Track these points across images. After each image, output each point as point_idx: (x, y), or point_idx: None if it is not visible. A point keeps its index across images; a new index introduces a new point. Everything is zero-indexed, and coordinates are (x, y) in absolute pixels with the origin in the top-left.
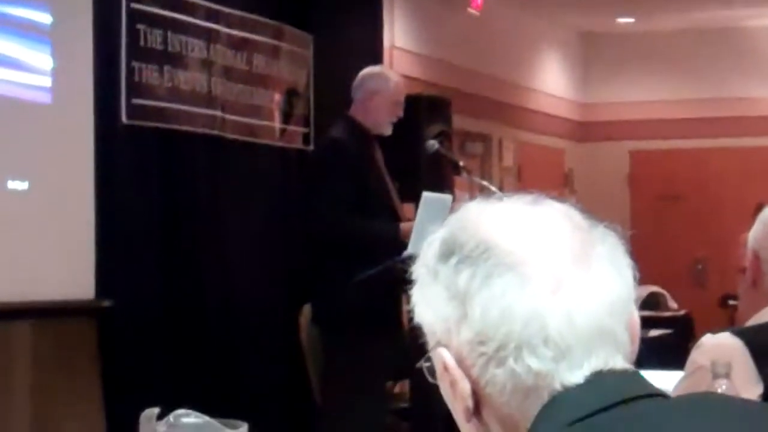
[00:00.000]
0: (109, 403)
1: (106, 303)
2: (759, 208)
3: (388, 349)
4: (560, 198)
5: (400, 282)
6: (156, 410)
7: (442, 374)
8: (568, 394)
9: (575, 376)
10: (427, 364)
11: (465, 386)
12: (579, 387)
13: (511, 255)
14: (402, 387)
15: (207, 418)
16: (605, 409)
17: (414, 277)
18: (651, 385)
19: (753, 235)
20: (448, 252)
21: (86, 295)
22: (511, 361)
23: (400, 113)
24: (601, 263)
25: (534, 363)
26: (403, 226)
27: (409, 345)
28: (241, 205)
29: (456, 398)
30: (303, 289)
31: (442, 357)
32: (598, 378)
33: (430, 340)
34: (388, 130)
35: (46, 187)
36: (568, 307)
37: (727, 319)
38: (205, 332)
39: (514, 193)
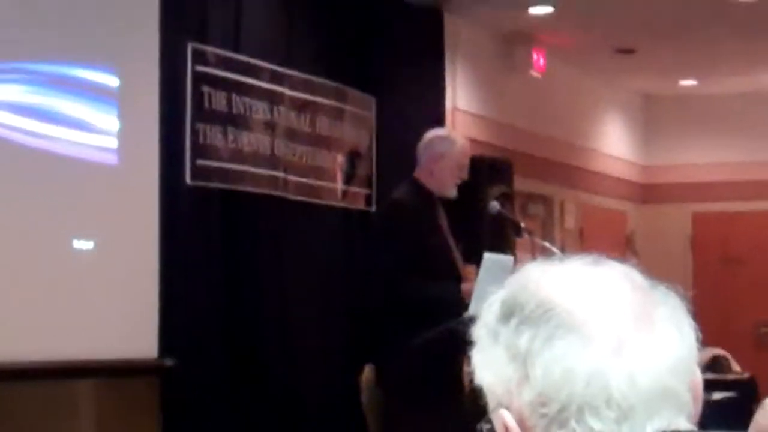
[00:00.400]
0: None
1: (169, 362)
2: None
3: (450, 411)
4: (621, 259)
5: (460, 344)
6: None
7: None
8: None
9: None
10: (488, 426)
11: None
12: None
13: (572, 315)
14: None
15: None
16: None
17: (474, 338)
18: None
19: None
20: (508, 313)
21: (149, 354)
22: (573, 423)
23: (465, 176)
24: (662, 324)
25: (596, 425)
26: (464, 287)
27: (469, 408)
28: (302, 265)
29: None
30: (364, 350)
31: (504, 419)
32: None
33: (491, 402)
34: (453, 193)
35: (111, 247)
36: (631, 367)
37: None
38: (266, 393)
39: (574, 254)
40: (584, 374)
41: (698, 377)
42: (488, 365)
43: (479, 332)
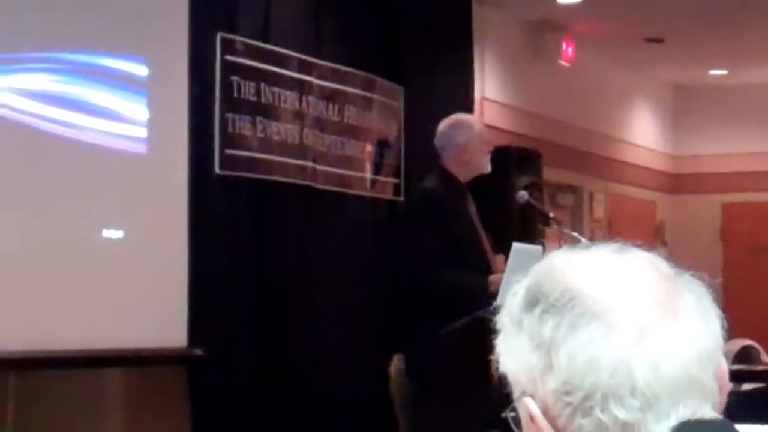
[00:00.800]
0: None
1: (198, 351)
2: None
3: (478, 400)
4: (646, 247)
5: (488, 333)
6: None
7: (528, 425)
8: None
9: (662, 426)
10: (512, 414)
11: None
12: None
13: (596, 304)
14: None
15: None
16: None
17: (498, 326)
18: None
19: None
20: (533, 301)
21: (178, 343)
22: (597, 411)
23: (491, 149)
24: (687, 312)
25: (621, 413)
26: (492, 277)
27: (498, 396)
28: (331, 255)
29: None
30: (392, 339)
31: (528, 407)
32: (685, 427)
33: (515, 390)
34: (487, 167)
35: (140, 236)
36: (655, 356)
37: None
38: (294, 382)
39: (599, 242)
40: (609, 362)
41: (724, 367)
42: (512, 353)
43: (503, 320)
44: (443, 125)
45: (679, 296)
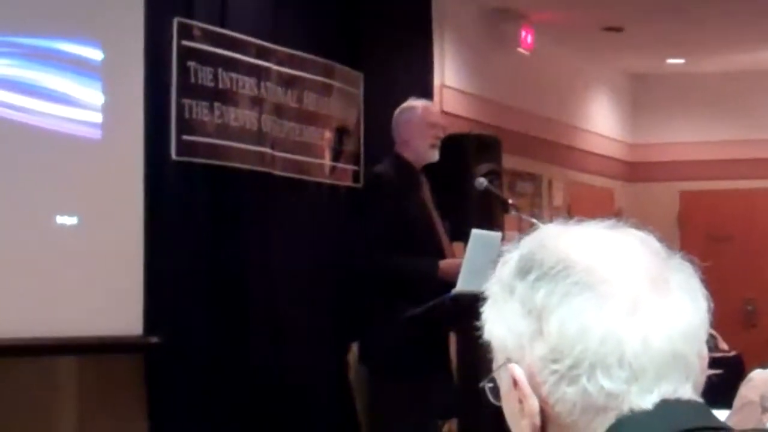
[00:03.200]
0: None
1: (154, 339)
2: None
3: (437, 387)
4: (639, 226)
5: (448, 320)
6: None
7: (509, 391)
8: (634, 417)
9: (645, 401)
10: (490, 384)
11: (534, 404)
12: (647, 413)
13: (590, 274)
14: (450, 426)
15: None
16: None
17: (486, 294)
18: (716, 419)
19: None
20: (526, 268)
21: (134, 331)
22: (583, 380)
23: (440, 134)
24: (677, 290)
25: (607, 383)
26: (443, 263)
27: (457, 383)
28: (289, 242)
29: (523, 416)
30: (352, 326)
31: (513, 372)
32: (666, 405)
33: (499, 358)
34: (434, 156)
35: (95, 223)
36: (645, 329)
37: None
38: (253, 371)
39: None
40: (599, 332)
41: (705, 348)
42: (501, 319)
43: (492, 288)
44: (397, 110)
45: (669, 274)
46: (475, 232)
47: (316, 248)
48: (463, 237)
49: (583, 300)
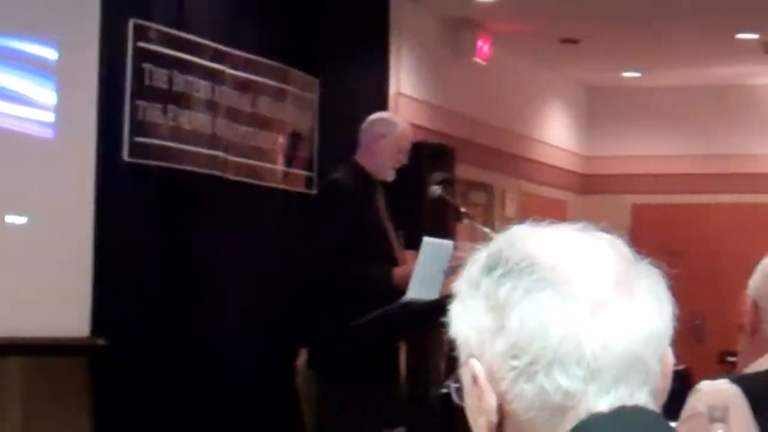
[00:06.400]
0: None
1: (101, 341)
2: None
3: (385, 395)
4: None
5: (398, 327)
6: None
7: (470, 388)
8: (592, 422)
9: (601, 402)
10: (456, 385)
11: (491, 400)
12: (604, 417)
13: (554, 271)
14: None
15: None
16: None
17: (455, 291)
18: (672, 429)
19: (753, 284)
20: (492, 265)
21: (81, 332)
22: (541, 377)
23: (404, 160)
24: (642, 294)
25: (564, 381)
26: (397, 271)
27: (405, 392)
28: (240, 246)
29: (481, 413)
30: (301, 332)
31: (473, 368)
32: (623, 411)
33: (463, 354)
34: (390, 176)
35: (44, 223)
36: (606, 330)
37: (726, 375)
38: (200, 373)
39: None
40: (559, 330)
41: (670, 354)
42: (466, 315)
43: (461, 286)
44: (370, 117)
45: (636, 278)
46: (427, 240)
47: (268, 253)
48: (416, 245)
49: (545, 297)
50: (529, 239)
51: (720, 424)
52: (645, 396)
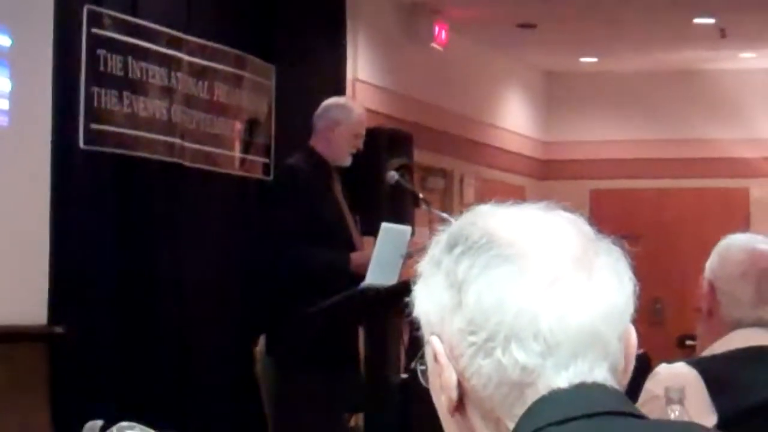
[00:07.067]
0: (59, 431)
1: (59, 329)
2: None
3: (343, 381)
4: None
5: (357, 313)
6: (99, 422)
7: (432, 366)
8: (551, 398)
9: (560, 377)
10: (423, 367)
11: (451, 376)
12: (564, 392)
13: (512, 248)
14: (356, 420)
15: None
16: (583, 417)
17: (419, 272)
18: (633, 406)
19: (709, 266)
20: (453, 243)
21: (38, 320)
22: (498, 352)
23: (360, 146)
24: (602, 271)
25: (521, 356)
26: (354, 256)
27: (364, 378)
28: (198, 233)
29: (443, 390)
30: (258, 319)
31: (433, 345)
32: (583, 387)
33: (425, 332)
34: (347, 162)
35: (0, 210)
36: (563, 304)
37: (683, 359)
38: (158, 361)
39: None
40: (515, 305)
41: (633, 334)
42: (427, 293)
43: (424, 266)
44: (325, 102)
45: (595, 255)
46: (385, 226)
47: (225, 239)
48: (374, 231)
49: (501, 272)
50: (491, 217)
51: (677, 405)
52: (605, 372)
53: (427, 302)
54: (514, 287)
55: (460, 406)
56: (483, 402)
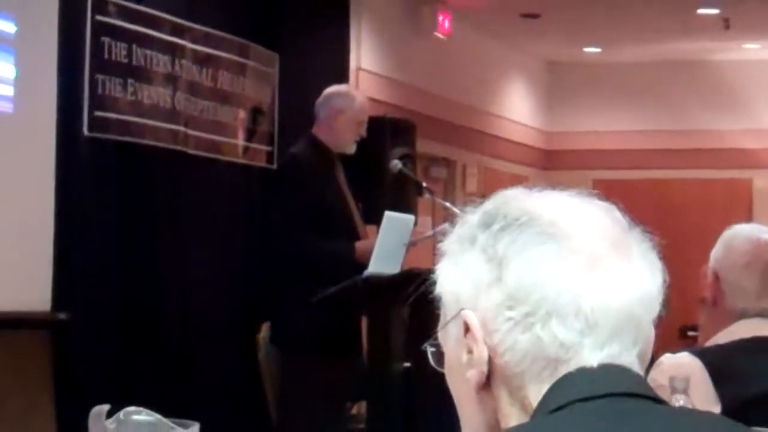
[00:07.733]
0: (62, 417)
1: (63, 316)
2: None
3: (346, 369)
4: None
5: (360, 302)
6: (106, 407)
7: (458, 342)
8: (579, 374)
9: (593, 357)
10: (432, 349)
11: (484, 350)
12: (590, 371)
13: (554, 227)
14: (359, 408)
15: (158, 416)
16: (606, 396)
17: (441, 252)
18: (653, 391)
19: (714, 255)
20: (489, 221)
21: (42, 307)
22: (538, 328)
23: (364, 133)
24: (638, 258)
25: (561, 332)
26: (359, 245)
27: (367, 366)
28: (201, 221)
29: (471, 365)
30: (262, 307)
31: (467, 318)
32: (609, 367)
33: (451, 309)
34: (351, 149)
35: (4, 197)
36: (604, 285)
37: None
38: (162, 348)
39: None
40: (558, 283)
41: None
42: (456, 270)
43: (450, 246)
44: (327, 91)
45: (632, 242)
46: (388, 215)
47: (229, 228)
48: (377, 219)
49: (545, 250)
50: (527, 197)
51: (681, 395)
52: (633, 357)
53: (456, 279)
54: (557, 265)
55: (485, 384)
56: (512, 379)
